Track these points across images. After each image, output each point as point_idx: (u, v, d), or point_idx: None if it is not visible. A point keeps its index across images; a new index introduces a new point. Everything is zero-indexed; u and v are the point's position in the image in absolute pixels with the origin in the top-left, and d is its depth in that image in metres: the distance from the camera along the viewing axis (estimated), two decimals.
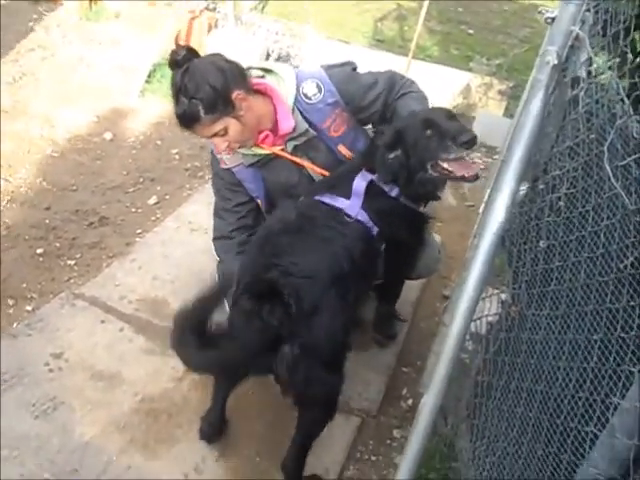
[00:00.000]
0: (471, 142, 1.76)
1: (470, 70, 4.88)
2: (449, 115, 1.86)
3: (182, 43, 4.48)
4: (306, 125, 1.96)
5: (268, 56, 4.87)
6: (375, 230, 1.82)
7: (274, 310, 1.54)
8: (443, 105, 4.41)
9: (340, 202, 1.82)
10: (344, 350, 1.75)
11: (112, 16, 4.98)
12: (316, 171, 2.03)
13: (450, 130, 1.78)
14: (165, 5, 4.95)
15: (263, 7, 5.52)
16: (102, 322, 2.39)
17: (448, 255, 2.98)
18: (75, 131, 3.72)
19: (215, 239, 2.22)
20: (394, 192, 1.87)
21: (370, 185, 1.85)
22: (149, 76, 4.35)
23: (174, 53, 1.84)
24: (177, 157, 3.68)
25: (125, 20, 4.96)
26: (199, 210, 3.07)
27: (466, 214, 3.41)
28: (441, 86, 4.42)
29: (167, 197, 3.30)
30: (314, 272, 1.63)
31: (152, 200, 3.26)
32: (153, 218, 3.13)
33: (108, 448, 1.95)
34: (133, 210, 3.18)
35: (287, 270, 1.60)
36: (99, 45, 4.61)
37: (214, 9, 5.00)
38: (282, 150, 2.00)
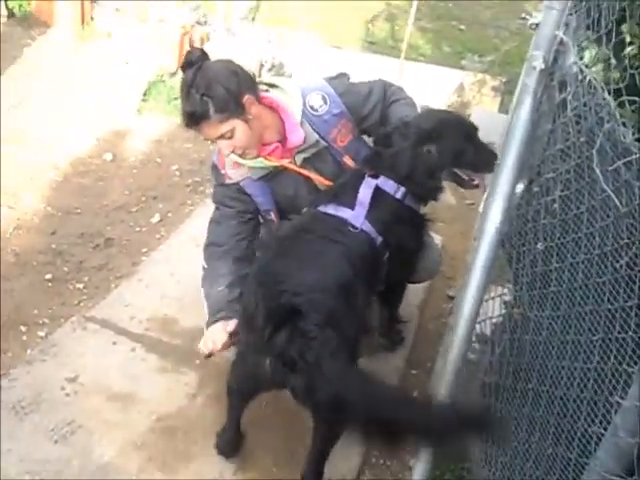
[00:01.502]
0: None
1: (463, 68, 4.91)
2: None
3: (181, 57, 4.53)
4: (316, 136, 1.98)
5: (262, 66, 4.90)
6: (379, 240, 1.84)
7: (299, 332, 1.49)
8: (438, 105, 4.50)
9: (343, 212, 1.84)
10: (355, 359, 1.75)
11: (104, 36, 5.01)
12: (323, 183, 2.04)
13: (488, 150, 1.95)
14: (157, 22, 4.98)
15: (253, 17, 5.56)
16: (114, 343, 2.42)
17: (451, 255, 3.00)
18: (76, 154, 3.74)
19: (206, 246, 2.18)
20: (399, 193, 1.90)
21: (375, 192, 1.87)
22: (144, 94, 4.37)
23: (189, 53, 1.86)
24: (177, 174, 3.72)
25: (117, 40, 4.99)
26: (202, 225, 3.08)
27: (466, 213, 3.43)
28: (435, 86, 4.46)
29: (170, 214, 3.33)
30: (317, 287, 1.61)
31: (155, 218, 3.29)
32: (157, 236, 3.16)
33: (128, 467, 1.98)
34: (137, 229, 3.21)
35: (295, 291, 1.56)
36: (93, 66, 4.64)
37: (205, 22, 5.03)
38: (290, 162, 2.02)
